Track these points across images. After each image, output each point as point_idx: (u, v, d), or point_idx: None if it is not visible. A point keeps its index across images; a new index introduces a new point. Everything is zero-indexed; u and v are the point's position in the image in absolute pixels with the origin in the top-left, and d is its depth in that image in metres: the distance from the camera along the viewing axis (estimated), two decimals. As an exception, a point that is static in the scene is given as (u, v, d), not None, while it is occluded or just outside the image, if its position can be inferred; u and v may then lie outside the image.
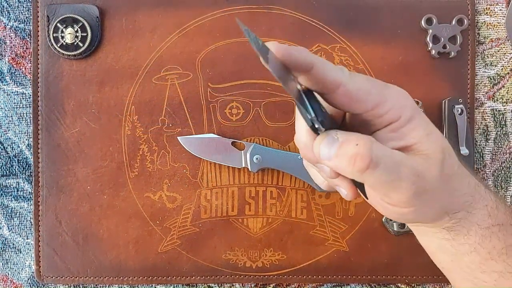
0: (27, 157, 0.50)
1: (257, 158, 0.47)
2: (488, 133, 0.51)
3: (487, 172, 0.51)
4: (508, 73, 0.51)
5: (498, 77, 0.51)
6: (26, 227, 0.50)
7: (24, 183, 0.50)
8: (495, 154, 0.51)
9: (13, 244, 0.51)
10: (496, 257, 0.34)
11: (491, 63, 0.51)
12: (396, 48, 0.49)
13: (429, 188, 0.31)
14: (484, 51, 0.51)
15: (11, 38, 0.50)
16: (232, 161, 0.48)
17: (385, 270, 0.50)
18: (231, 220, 0.49)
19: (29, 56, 0.50)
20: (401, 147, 0.31)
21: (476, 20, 0.50)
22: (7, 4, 0.50)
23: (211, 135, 0.49)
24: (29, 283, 0.51)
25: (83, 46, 0.48)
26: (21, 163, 0.50)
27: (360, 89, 0.30)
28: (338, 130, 0.30)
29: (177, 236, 0.49)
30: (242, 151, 0.48)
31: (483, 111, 0.51)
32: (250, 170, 0.48)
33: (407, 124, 0.31)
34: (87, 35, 0.48)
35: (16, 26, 0.50)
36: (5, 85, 0.50)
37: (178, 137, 0.48)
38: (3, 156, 0.50)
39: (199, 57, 0.49)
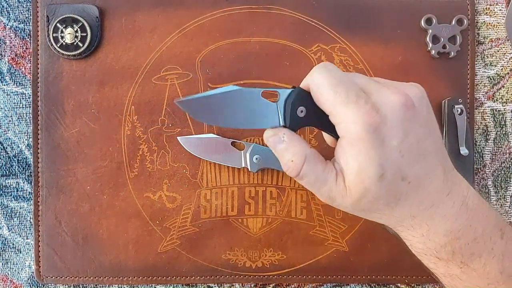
0: (26, 157, 0.50)
1: (256, 158, 0.47)
2: (488, 133, 0.51)
3: (487, 172, 0.51)
4: (508, 73, 0.51)
5: (498, 77, 0.51)
6: (26, 227, 0.50)
7: (24, 183, 0.50)
8: (495, 154, 0.51)
9: (13, 244, 0.51)
10: (440, 276, 0.37)
11: (491, 63, 0.51)
12: (396, 48, 0.49)
13: (343, 207, 0.36)
14: (484, 51, 0.51)
15: (11, 38, 0.50)
16: (231, 161, 0.48)
17: (385, 270, 0.50)
18: (231, 220, 0.49)
19: (29, 56, 0.50)
20: (337, 165, 0.35)
21: (476, 20, 0.50)
22: (7, 4, 0.50)
23: (211, 135, 0.49)
24: (29, 283, 0.51)
25: (82, 46, 0.48)
26: (21, 163, 0.50)
27: (322, 95, 0.33)
28: (287, 131, 0.35)
29: (176, 236, 0.49)
30: (242, 151, 0.48)
31: (483, 111, 0.51)
32: (249, 170, 0.48)
33: (347, 147, 0.33)
34: (87, 35, 0.48)
35: (16, 26, 0.50)
36: (4, 85, 0.50)
37: (177, 137, 0.48)
38: (3, 156, 0.50)
39: (199, 57, 0.49)
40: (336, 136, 0.34)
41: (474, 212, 0.35)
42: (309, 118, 0.35)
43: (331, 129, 0.34)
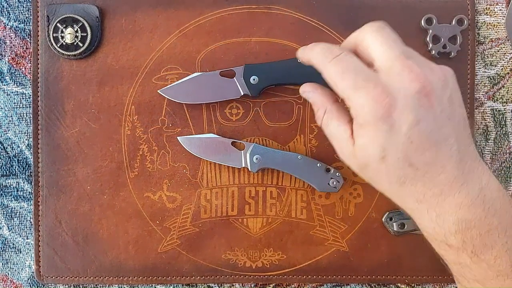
0: (27, 157, 0.50)
1: (257, 158, 0.47)
2: (488, 133, 0.51)
3: (487, 172, 0.51)
4: (508, 73, 0.51)
5: (498, 77, 0.51)
6: (26, 227, 0.50)
7: (24, 183, 0.50)
8: (495, 154, 0.51)
9: (13, 244, 0.51)
10: (450, 262, 0.37)
11: (491, 63, 0.51)
12: (396, 48, 0.49)
13: (357, 173, 0.38)
14: (484, 51, 0.51)
15: (11, 38, 0.50)
16: (232, 161, 0.48)
17: (385, 270, 0.50)
18: (231, 220, 0.49)
19: (29, 56, 0.50)
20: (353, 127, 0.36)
21: (476, 20, 0.50)
22: (7, 4, 0.50)
23: (211, 135, 0.49)
24: (29, 283, 0.51)
25: (83, 46, 0.48)
26: (21, 163, 0.50)
27: (330, 79, 0.36)
28: (317, 86, 0.40)
29: (177, 236, 0.49)
30: (242, 151, 0.48)
31: (483, 111, 0.51)
32: (250, 170, 0.48)
33: (356, 127, 0.35)
34: (87, 35, 0.48)
35: (16, 26, 0.50)
36: (5, 85, 0.50)
37: (178, 137, 0.48)
38: (3, 156, 0.50)
39: (199, 57, 0.49)
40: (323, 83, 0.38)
41: (491, 204, 0.34)
42: (262, 83, 0.47)
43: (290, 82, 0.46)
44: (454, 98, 0.35)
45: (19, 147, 0.50)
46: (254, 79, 0.47)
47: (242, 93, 0.47)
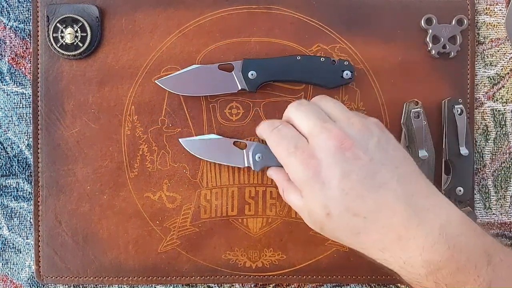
0: (27, 157, 0.50)
1: (259, 157, 0.47)
2: (488, 133, 0.51)
3: (487, 172, 0.51)
4: (508, 73, 0.51)
5: (498, 77, 0.51)
6: (26, 227, 0.50)
7: (24, 183, 0.50)
8: (495, 154, 0.51)
9: (13, 244, 0.51)
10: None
11: (491, 63, 0.51)
12: (396, 48, 0.49)
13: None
14: (484, 51, 0.51)
15: (11, 38, 0.50)
16: (234, 160, 0.48)
17: (385, 270, 0.50)
18: (231, 220, 0.49)
19: (29, 56, 0.50)
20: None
21: (476, 20, 0.50)
22: (7, 4, 0.50)
23: (212, 135, 0.49)
24: (29, 283, 0.51)
25: (83, 46, 0.48)
26: (21, 163, 0.50)
27: (271, 147, 0.41)
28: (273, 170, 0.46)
29: (177, 236, 0.49)
30: (244, 150, 0.48)
31: (483, 111, 0.51)
32: (253, 168, 0.47)
33: (301, 191, 0.39)
34: (87, 35, 0.48)
35: (16, 26, 0.50)
36: (5, 85, 0.50)
37: (179, 139, 0.48)
38: (3, 156, 0.50)
39: (199, 57, 0.49)
40: None
41: (456, 241, 0.33)
42: (260, 78, 0.47)
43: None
44: (384, 144, 0.37)
45: (19, 147, 0.50)
46: (252, 74, 0.47)
47: (240, 88, 0.47)
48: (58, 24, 0.48)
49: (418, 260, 0.34)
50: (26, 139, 0.50)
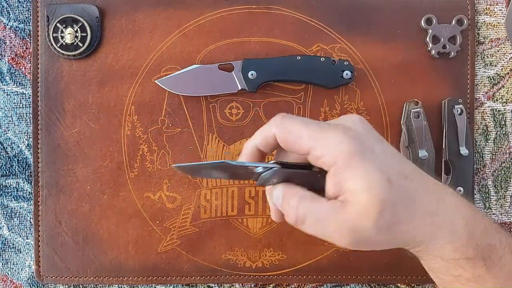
0: (27, 157, 0.50)
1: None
2: (488, 133, 0.51)
3: (487, 172, 0.51)
4: (508, 73, 0.51)
5: (498, 77, 0.51)
6: (26, 227, 0.50)
7: (24, 183, 0.50)
8: (495, 154, 0.51)
9: (13, 244, 0.51)
10: (464, 283, 0.35)
11: (491, 63, 0.51)
12: (396, 48, 0.49)
13: (365, 237, 0.32)
14: (484, 51, 0.51)
15: (11, 38, 0.50)
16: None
17: (385, 270, 0.50)
18: (231, 220, 0.49)
19: (29, 56, 0.50)
20: (339, 195, 0.32)
21: (476, 20, 0.50)
22: (7, 4, 0.50)
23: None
24: (29, 283, 0.51)
25: (82, 46, 0.48)
26: (21, 163, 0.50)
27: (291, 132, 0.33)
28: (284, 184, 0.34)
29: (177, 236, 0.49)
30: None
31: (483, 111, 0.51)
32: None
33: (344, 171, 0.31)
34: (87, 35, 0.48)
35: (16, 26, 0.50)
36: (5, 85, 0.50)
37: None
38: (3, 156, 0.50)
39: (199, 57, 0.49)
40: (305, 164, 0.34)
41: (469, 206, 0.36)
42: (260, 78, 0.45)
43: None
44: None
45: (19, 147, 0.50)
46: (252, 74, 0.47)
47: (240, 88, 0.47)
48: (58, 24, 0.48)
49: (459, 217, 0.34)
50: (26, 139, 0.50)
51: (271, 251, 0.49)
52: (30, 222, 0.50)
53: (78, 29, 0.48)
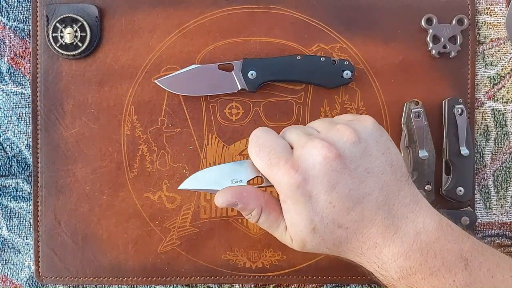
0: (26, 157, 0.50)
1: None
2: (488, 133, 0.51)
3: (487, 172, 0.51)
4: (509, 73, 0.51)
5: (498, 77, 0.51)
6: (25, 228, 0.50)
7: (23, 183, 0.50)
8: (495, 154, 0.51)
9: (12, 245, 0.50)
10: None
11: (491, 63, 0.51)
12: (396, 48, 0.49)
13: (307, 250, 0.38)
14: (484, 51, 0.50)
15: (10, 38, 0.50)
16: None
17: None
18: (230, 220, 0.49)
19: (28, 56, 0.50)
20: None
21: (476, 20, 0.50)
22: (6, 4, 0.50)
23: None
24: (28, 284, 0.51)
25: (82, 46, 0.48)
26: (20, 163, 0.50)
27: (251, 158, 0.38)
28: (242, 190, 0.39)
29: (176, 237, 0.49)
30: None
31: (483, 111, 0.51)
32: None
33: (282, 204, 0.37)
34: (86, 35, 0.48)
35: (15, 26, 0.50)
36: (4, 85, 0.50)
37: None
38: (2, 156, 0.50)
39: (198, 57, 0.49)
40: None
41: (430, 248, 0.34)
42: (260, 78, 0.45)
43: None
44: (370, 150, 0.35)
45: (18, 147, 0.50)
46: (252, 74, 0.47)
47: (240, 88, 0.47)
48: (57, 24, 0.48)
49: (392, 265, 0.34)
50: (25, 139, 0.50)
51: (271, 251, 0.49)
52: (30, 222, 0.50)
53: (78, 29, 0.48)
